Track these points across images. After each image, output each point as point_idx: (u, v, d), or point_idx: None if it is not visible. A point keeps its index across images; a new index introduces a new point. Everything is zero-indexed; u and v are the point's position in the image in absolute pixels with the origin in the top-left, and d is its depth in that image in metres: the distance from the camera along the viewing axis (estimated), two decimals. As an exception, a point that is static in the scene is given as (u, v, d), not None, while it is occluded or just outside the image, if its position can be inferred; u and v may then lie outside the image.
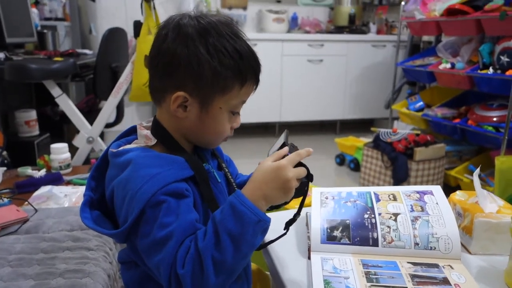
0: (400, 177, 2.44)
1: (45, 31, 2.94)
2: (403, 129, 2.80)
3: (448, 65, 2.64)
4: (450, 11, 2.55)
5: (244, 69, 0.68)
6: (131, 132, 0.76)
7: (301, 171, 0.66)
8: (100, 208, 0.73)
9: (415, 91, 3.40)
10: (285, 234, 0.73)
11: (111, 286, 0.99)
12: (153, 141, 0.70)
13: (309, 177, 0.68)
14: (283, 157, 0.66)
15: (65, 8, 3.35)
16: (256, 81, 0.72)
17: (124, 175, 0.65)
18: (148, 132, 0.72)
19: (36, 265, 0.99)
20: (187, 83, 0.66)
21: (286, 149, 0.67)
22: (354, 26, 4.19)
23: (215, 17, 0.69)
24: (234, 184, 0.78)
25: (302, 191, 0.69)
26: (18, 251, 1.05)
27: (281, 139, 0.73)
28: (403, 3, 3.13)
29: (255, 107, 3.72)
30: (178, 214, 0.62)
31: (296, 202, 0.72)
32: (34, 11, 2.89)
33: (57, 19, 3.29)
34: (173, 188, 0.63)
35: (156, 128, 0.71)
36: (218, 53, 0.65)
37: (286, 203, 0.70)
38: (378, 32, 4.29)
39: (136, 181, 0.62)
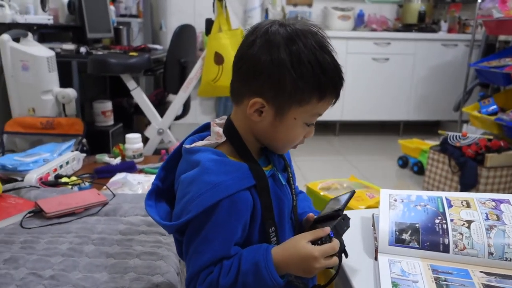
0: (468, 183, 2.33)
1: (120, 27, 3.13)
2: (473, 133, 2.67)
3: (528, 67, 2.47)
4: (533, 10, 2.39)
5: (325, 84, 0.68)
6: (205, 129, 0.80)
7: (330, 263, 0.68)
8: (167, 198, 0.78)
9: (488, 94, 3.22)
10: None
11: (181, 271, 1.06)
12: (223, 138, 0.73)
13: (341, 256, 0.71)
14: (321, 240, 0.67)
15: (139, 5, 3.54)
16: (336, 96, 0.72)
17: (191, 174, 0.69)
18: (220, 130, 0.75)
19: (116, 245, 1.07)
20: (266, 91, 0.68)
21: (327, 229, 0.68)
22: (424, 24, 4.03)
23: (303, 25, 0.70)
24: (294, 191, 0.79)
25: (334, 268, 0.72)
26: (99, 231, 1.15)
27: (342, 201, 0.75)
28: (479, 0, 2.97)
29: (316, 105, 3.68)
30: (224, 235, 0.67)
31: None
32: (111, 8, 3.09)
33: (131, 15, 3.48)
34: (234, 199, 0.66)
35: (228, 127, 0.74)
36: (301, 66, 0.66)
37: None
38: (450, 30, 4.09)
39: (199, 186, 0.66)
